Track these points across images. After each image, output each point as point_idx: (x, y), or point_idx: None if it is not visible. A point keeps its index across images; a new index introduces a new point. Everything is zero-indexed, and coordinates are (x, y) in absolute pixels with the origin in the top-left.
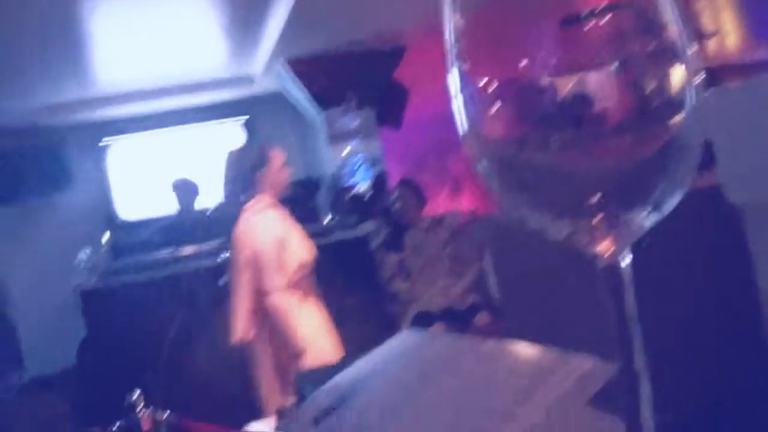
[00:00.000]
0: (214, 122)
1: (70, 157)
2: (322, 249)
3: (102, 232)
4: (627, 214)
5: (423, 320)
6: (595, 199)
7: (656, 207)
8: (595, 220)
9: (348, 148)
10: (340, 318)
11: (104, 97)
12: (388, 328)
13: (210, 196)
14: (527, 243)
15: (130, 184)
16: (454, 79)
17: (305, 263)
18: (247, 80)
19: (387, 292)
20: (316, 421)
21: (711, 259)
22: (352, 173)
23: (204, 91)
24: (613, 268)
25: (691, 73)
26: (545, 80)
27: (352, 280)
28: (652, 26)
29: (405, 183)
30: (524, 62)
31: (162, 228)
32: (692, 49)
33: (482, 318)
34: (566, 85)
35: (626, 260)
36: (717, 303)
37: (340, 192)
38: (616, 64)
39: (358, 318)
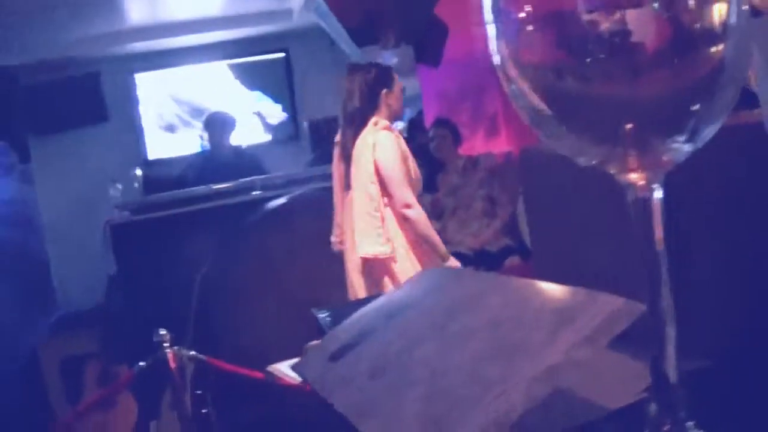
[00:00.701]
0: (252, 57)
1: (103, 91)
2: None
3: (134, 167)
4: (660, 144)
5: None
6: (628, 126)
7: (691, 138)
8: (627, 148)
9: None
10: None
11: (139, 30)
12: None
13: (243, 133)
14: (558, 181)
15: (164, 119)
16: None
17: (419, 183)
18: (286, 14)
19: None
20: (334, 357)
21: (753, 199)
22: None
23: (242, 25)
24: (644, 199)
25: (734, 5)
26: (585, 13)
27: None
28: None
29: (441, 122)
30: None
31: (194, 163)
32: None
33: (513, 261)
34: (606, 18)
35: (658, 193)
36: (757, 245)
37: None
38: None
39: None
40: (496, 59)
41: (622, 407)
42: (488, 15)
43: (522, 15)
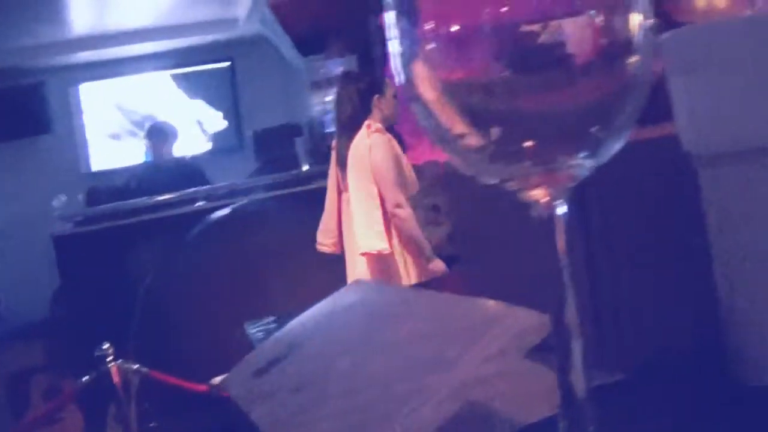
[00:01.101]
0: (197, 66)
1: (47, 102)
2: (301, 196)
3: (77, 179)
4: (563, 160)
5: None
6: (530, 143)
7: (593, 154)
8: (529, 165)
9: (330, 95)
10: (314, 266)
11: (83, 40)
12: None
13: (187, 142)
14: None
15: (108, 130)
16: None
17: (415, 184)
18: (232, 23)
19: None
20: (259, 373)
21: (666, 210)
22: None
23: (188, 34)
24: (548, 215)
25: (640, 21)
26: (487, 26)
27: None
28: None
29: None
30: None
31: (138, 174)
32: None
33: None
34: (513, 36)
35: (562, 208)
36: (670, 255)
37: (320, 139)
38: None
39: (333, 267)
40: (399, 76)
41: (538, 421)
42: (391, 31)
43: (426, 30)
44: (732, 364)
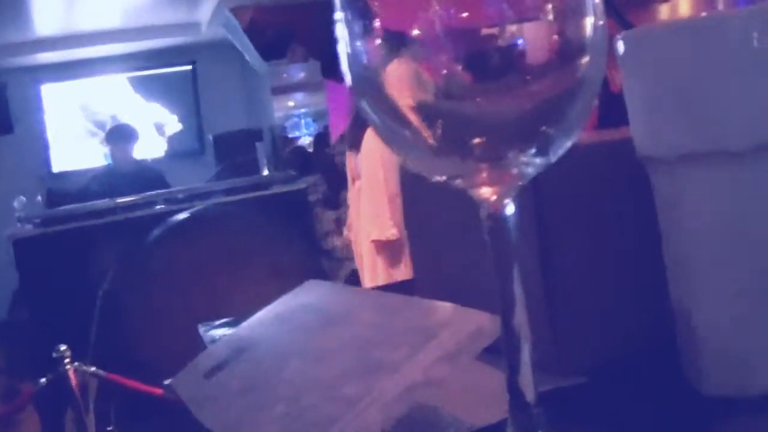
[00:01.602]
0: (159, 69)
1: (8, 102)
2: (260, 201)
3: (37, 180)
4: (512, 158)
5: (358, 276)
6: (479, 140)
7: (542, 151)
8: (478, 162)
9: (292, 101)
10: (275, 272)
11: (46, 41)
12: None
13: (147, 145)
14: (437, 195)
15: (70, 131)
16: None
17: None
18: (195, 27)
19: (323, 248)
20: (208, 375)
21: (624, 214)
22: (295, 126)
23: (151, 36)
24: (496, 214)
25: (593, 21)
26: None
27: (289, 234)
28: None
29: (342, 138)
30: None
31: (98, 176)
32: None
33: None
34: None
35: (510, 207)
36: (627, 259)
37: (281, 144)
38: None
39: (294, 272)
40: (348, 76)
41: (488, 425)
42: (341, 30)
43: (377, 27)
44: (688, 372)
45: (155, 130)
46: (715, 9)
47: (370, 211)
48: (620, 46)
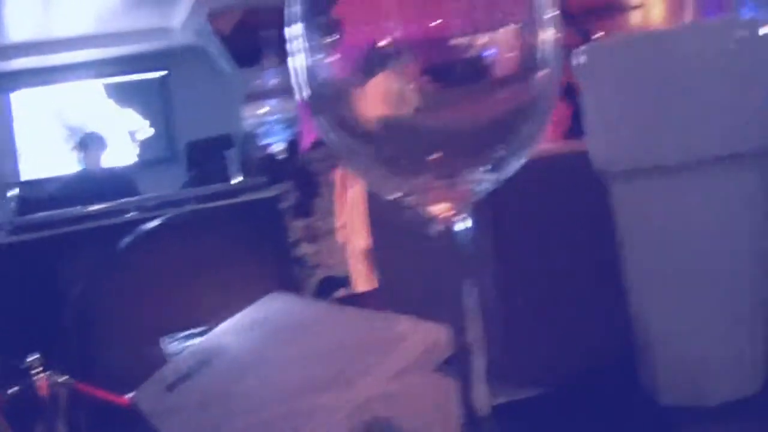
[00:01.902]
0: (132, 75)
1: None
2: (231, 209)
3: (7, 187)
4: (464, 174)
5: (328, 285)
6: (433, 157)
7: (496, 168)
8: (431, 179)
9: (265, 107)
10: (245, 279)
11: (16, 47)
12: (293, 292)
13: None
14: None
15: (41, 138)
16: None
17: None
18: (168, 33)
19: (293, 256)
20: (170, 388)
21: (582, 226)
22: (267, 133)
23: (123, 42)
24: (450, 231)
25: (547, 37)
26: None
27: (260, 241)
28: None
29: (319, 145)
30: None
31: (69, 184)
32: (552, 13)
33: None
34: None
35: (463, 224)
36: (585, 272)
37: (253, 151)
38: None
39: (264, 280)
40: (303, 91)
41: None
42: (295, 44)
43: (327, 42)
44: (645, 383)
45: (128, 136)
46: (685, 16)
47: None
48: (578, 60)
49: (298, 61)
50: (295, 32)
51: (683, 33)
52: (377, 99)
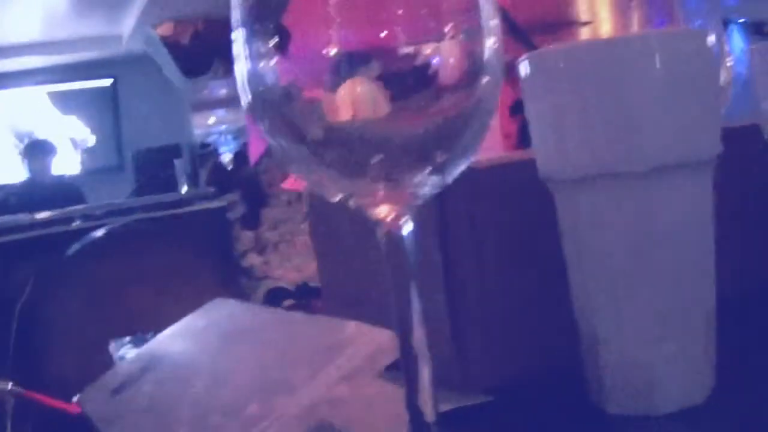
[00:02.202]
0: (79, 82)
1: None
2: (178, 218)
3: None
4: (407, 178)
5: (276, 296)
6: (376, 159)
7: (438, 170)
8: (374, 181)
9: (213, 117)
10: (192, 289)
11: None
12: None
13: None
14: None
15: None
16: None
17: None
18: (116, 40)
19: (241, 267)
20: (115, 392)
21: (525, 234)
22: (215, 143)
23: (70, 50)
24: (393, 234)
25: (490, 44)
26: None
27: (209, 252)
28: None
29: (267, 156)
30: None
31: (16, 191)
32: (494, 22)
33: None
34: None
35: (408, 226)
36: (528, 277)
37: (201, 161)
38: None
39: (211, 290)
40: (246, 96)
41: None
42: (237, 49)
43: (268, 48)
44: (592, 392)
45: (74, 145)
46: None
47: None
48: (522, 68)
49: (240, 67)
50: (237, 37)
51: (629, 42)
52: (347, 104)
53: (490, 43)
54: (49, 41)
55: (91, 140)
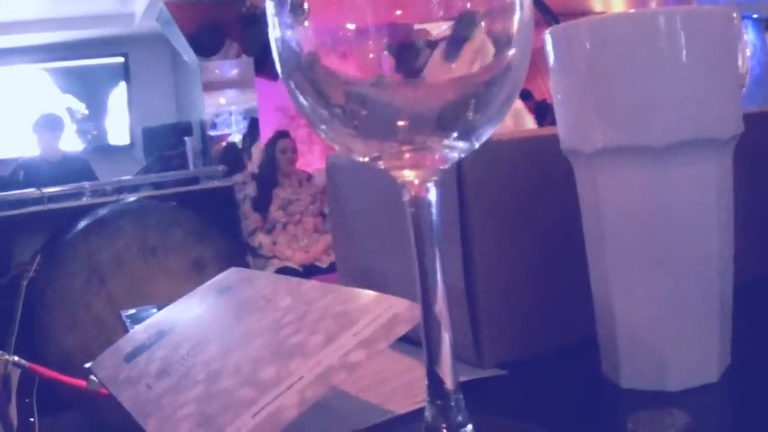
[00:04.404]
0: (90, 60)
1: None
2: (187, 196)
3: None
4: (434, 142)
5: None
6: (401, 123)
7: (464, 137)
8: (399, 144)
9: (223, 98)
10: (198, 266)
11: None
12: None
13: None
14: (364, 189)
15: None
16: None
17: None
18: (128, 18)
19: (249, 246)
20: (129, 357)
21: (544, 208)
22: (226, 122)
23: (82, 26)
24: (418, 198)
25: (520, 15)
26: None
27: (216, 230)
28: None
29: (278, 136)
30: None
31: (25, 165)
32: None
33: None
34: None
35: (433, 192)
36: (546, 252)
37: (211, 140)
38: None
39: (217, 268)
40: (281, 63)
41: (408, 412)
42: (270, 18)
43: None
44: (607, 365)
45: (86, 120)
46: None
47: None
48: (547, 41)
49: (272, 33)
50: (269, 8)
51: (654, 17)
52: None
53: (519, 17)
54: (63, 17)
55: (112, 119)
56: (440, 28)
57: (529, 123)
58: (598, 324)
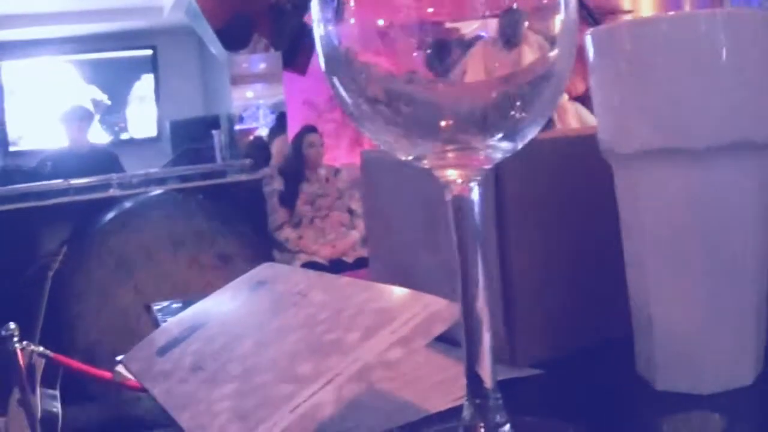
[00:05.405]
0: (118, 52)
1: None
2: (214, 189)
3: None
4: (478, 142)
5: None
6: (446, 122)
7: (509, 137)
8: (445, 144)
9: (251, 92)
10: (224, 260)
11: (8, 18)
12: None
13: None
14: (398, 186)
15: (26, 110)
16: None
17: None
18: (156, 11)
19: (276, 240)
20: (161, 351)
21: (581, 208)
22: (253, 116)
23: (111, 19)
24: (460, 198)
25: (565, 16)
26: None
27: (243, 224)
28: None
29: (305, 130)
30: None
31: (52, 156)
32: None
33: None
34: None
35: (475, 191)
36: (583, 252)
37: (238, 134)
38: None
39: (243, 262)
40: (324, 59)
41: (444, 411)
42: (314, 15)
43: (348, 11)
44: (641, 367)
45: (114, 112)
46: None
47: None
48: (588, 42)
49: (316, 30)
50: (314, 5)
51: (695, 19)
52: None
53: (563, 18)
54: (92, 10)
55: (140, 111)
56: (485, 27)
57: (591, 119)
58: (634, 325)
